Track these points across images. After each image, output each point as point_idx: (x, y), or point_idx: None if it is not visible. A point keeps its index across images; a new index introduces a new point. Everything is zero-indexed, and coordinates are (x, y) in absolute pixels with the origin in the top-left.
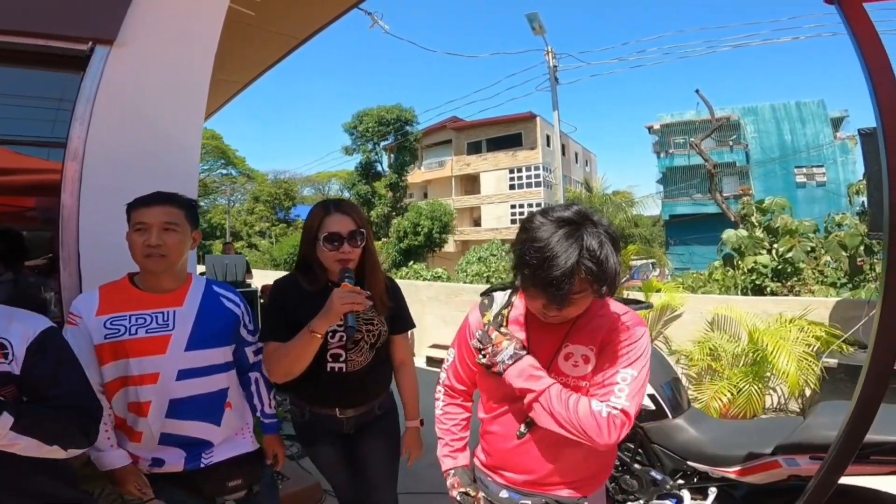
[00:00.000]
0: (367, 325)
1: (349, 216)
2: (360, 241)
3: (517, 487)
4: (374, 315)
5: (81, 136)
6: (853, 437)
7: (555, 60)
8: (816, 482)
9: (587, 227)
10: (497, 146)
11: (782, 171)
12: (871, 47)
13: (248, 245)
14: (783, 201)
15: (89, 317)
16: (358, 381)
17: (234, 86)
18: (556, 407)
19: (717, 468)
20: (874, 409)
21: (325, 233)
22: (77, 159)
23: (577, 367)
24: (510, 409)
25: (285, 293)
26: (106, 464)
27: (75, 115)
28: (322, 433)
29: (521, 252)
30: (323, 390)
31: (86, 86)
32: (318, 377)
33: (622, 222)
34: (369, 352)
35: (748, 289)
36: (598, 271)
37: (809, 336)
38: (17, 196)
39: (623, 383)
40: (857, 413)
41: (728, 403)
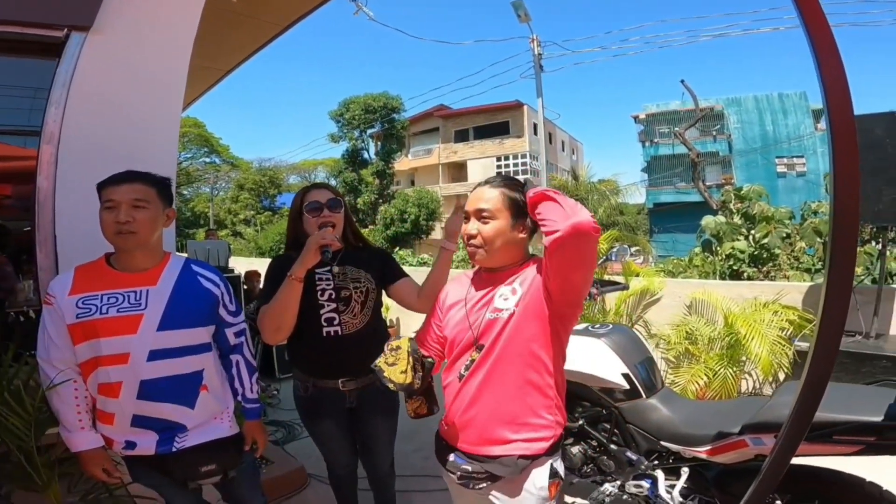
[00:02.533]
0: (355, 282)
1: (326, 189)
2: (338, 208)
3: (465, 447)
4: (362, 273)
5: (57, 120)
6: (803, 417)
7: (539, 48)
8: (770, 462)
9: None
10: (484, 134)
11: (764, 161)
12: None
13: (232, 233)
14: (760, 189)
15: (62, 296)
16: (355, 345)
17: (215, 73)
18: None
19: (689, 448)
20: (821, 389)
21: (307, 203)
22: (52, 143)
23: (509, 300)
24: (457, 359)
25: (282, 268)
26: (74, 446)
27: (51, 100)
28: (325, 407)
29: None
30: (323, 358)
31: (61, 71)
32: (316, 344)
33: (607, 210)
34: (361, 312)
35: (726, 274)
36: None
37: (783, 320)
38: None
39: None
40: (806, 392)
41: (704, 387)
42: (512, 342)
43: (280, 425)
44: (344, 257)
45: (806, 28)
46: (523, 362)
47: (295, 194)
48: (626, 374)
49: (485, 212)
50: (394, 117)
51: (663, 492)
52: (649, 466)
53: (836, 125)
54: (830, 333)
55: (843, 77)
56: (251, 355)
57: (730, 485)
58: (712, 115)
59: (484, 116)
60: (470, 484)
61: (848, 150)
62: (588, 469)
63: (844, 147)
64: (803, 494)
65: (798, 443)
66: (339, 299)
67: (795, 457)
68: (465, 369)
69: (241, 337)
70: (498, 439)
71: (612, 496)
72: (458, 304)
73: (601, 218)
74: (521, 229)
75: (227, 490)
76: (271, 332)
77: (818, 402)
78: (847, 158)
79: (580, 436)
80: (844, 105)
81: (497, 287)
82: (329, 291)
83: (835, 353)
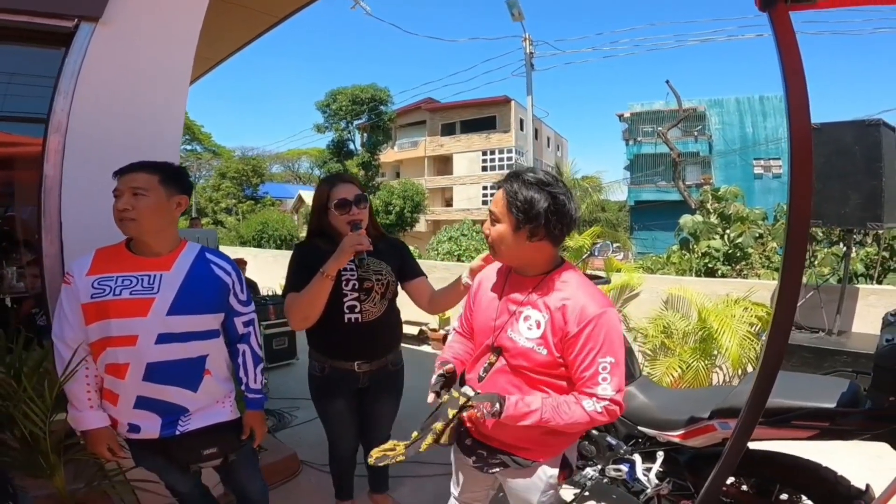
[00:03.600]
0: (377, 274)
1: (352, 184)
2: (365, 204)
3: (481, 438)
4: (383, 266)
5: (65, 109)
6: (757, 402)
7: (531, 47)
8: (730, 444)
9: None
10: (471, 128)
11: (742, 162)
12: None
13: (213, 222)
14: (737, 190)
15: (80, 276)
16: (371, 331)
17: (206, 62)
18: (559, 420)
19: (664, 432)
20: (773, 376)
21: (335, 200)
22: (60, 132)
23: (531, 330)
24: (479, 357)
25: (308, 254)
26: (81, 424)
27: (59, 90)
28: (338, 387)
29: None
30: (342, 342)
31: (70, 61)
32: (337, 328)
33: (590, 206)
34: (381, 302)
35: (702, 271)
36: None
37: (752, 316)
38: None
39: (605, 373)
40: (760, 380)
41: (678, 378)
42: (527, 367)
43: (271, 414)
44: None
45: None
46: (541, 382)
47: (318, 185)
48: None
49: (493, 213)
50: (381, 109)
51: (640, 475)
52: (627, 451)
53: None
54: (781, 326)
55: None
56: (258, 346)
57: (700, 468)
58: (695, 116)
59: (471, 111)
60: (484, 468)
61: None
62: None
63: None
64: (766, 478)
65: (753, 426)
66: (361, 289)
67: (759, 441)
68: (484, 371)
69: (250, 327)
70: (513, 445)
71: (592, 479)
72: (491, 297)
73: (584, 214)
74: (530, 235)
75: (227, 474)
76: (298, 320)
77: (769, 388)
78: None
79: None
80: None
81: (525, 305)
82: (353, 282)
83: (784, 344)
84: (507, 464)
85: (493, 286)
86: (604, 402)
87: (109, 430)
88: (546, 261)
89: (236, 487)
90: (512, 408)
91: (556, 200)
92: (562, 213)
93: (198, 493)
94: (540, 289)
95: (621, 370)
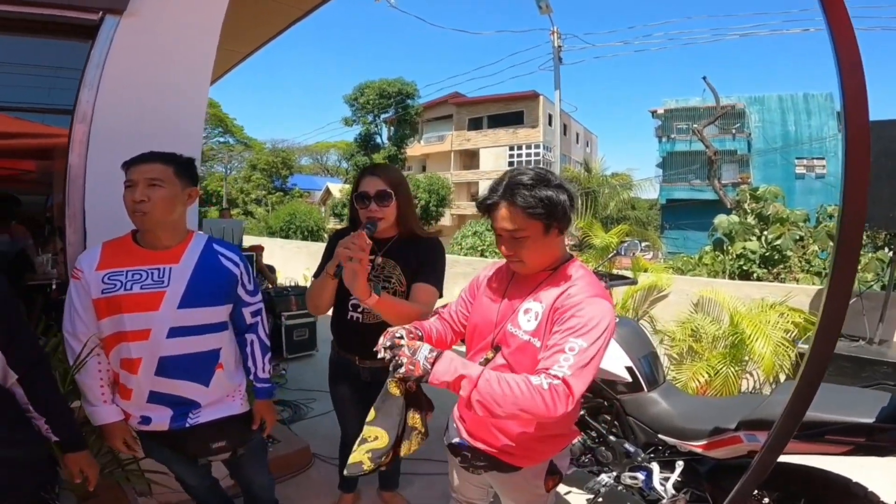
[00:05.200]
0: (386, 280)
1: (379, 177)
2: (386, 201)
3: (468, 437)
4: (396, 272)
5: (90, 100)
6: (793, 415)
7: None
8: (759, 458)
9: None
10: (498, 123)
11: (783, 161)
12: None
13: (244, 212)
14: (777, 189)
15: (90, 271)
16: (373, 332)
17: (235, 55)
18: (495, 388)
19: (685, 442)
20: (814, 389)
21: (357, 191)
22: (85, 122)
23: (529, 322)
24: (477, 353)
25: (336, 241)
26: (98, 419)
27: (84, 81)
28: (345, 374)
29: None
30: (345, 336)
31: (95, 53)
32: (341, 323)
33: (619, 204)
34: None
35: (735, 274)
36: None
37: (788, 322)
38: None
39: (570, 353)
40: (799, 391)
41: (705, 384)
42: (525, 363)
43: (287, 405)
44: (393, 247)
45: (832, 37)
46: None
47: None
48: (630, 367)
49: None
50: (408, 103)
51: (657, 484)
52: (645, 459)
53: (851, 131)
54: (828, 334)
55: (863, 88)
56: (266, 335)
57: (721, 479)
58: (733, 113)
59: (498, 105)
60: (469, 468)
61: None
62: (586, 459)
63: (857, 154)
64: (791, 492)
65: (787, 440)
66: None
67: (787, 455)
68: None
69: (258, 317)
70: (499, 446)
71: (607, 486)
72: (493, 296)
73: (612, 212)
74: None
75: (235, 468)
76: (311, 307)
77: (809, 401)
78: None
79: (580, 426)
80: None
81: (527, 298)
82: None
83: (830, 353)
84: (490, 467)
85: (495, 286)
86: (552, 381)
87: (124, 423)
88: (558, 255)
89: (244, 481)
90: (446, 363)
91: (566, 190)
92: (574, 200)
93: (207, 485)
94: (546, 282)
95: (590, 364)
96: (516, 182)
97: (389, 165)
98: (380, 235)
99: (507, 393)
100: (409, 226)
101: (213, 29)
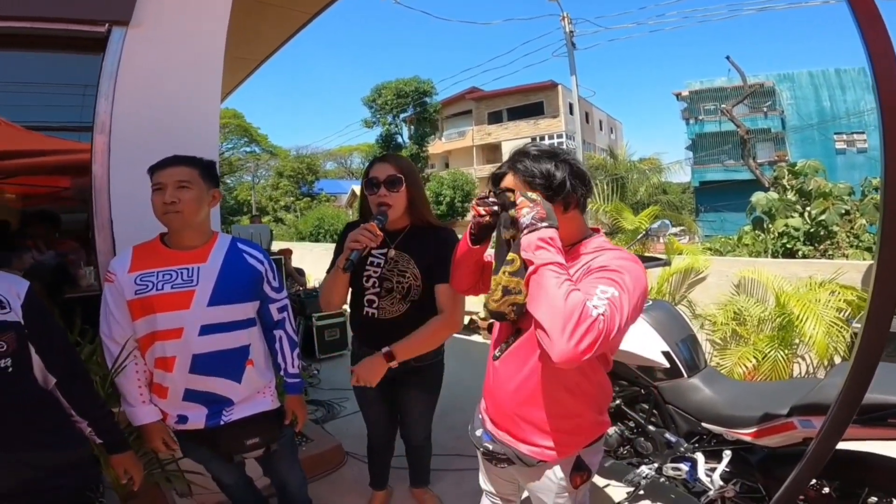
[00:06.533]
0: (400, 275)
1: (389, 163)
2: (398, 186)
3: (491, 428)
4: (410, 266)
5: (107, 111)
6: (852, 398)
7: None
8: (815, 445)
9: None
10: (518, 115)
11: (821, 137)
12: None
13: (274, 220)
14: (817, 164)
15: (122, 274)
16: (390, 329)
17: (250, 63)
18: (548, 283)
19: (732, 430)
20: (872, 368)
21: (367, 178)
22: (105, 132)
23: None
24: (499, 339)
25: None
26: (137, 419)
27: (100, 92)
28: None
29: None
30: (364, 332)
31: (107, 64)
32: (359, 318)
33: (648, 189)
34: (401, 303)
35: (779, 252)
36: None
37: (840, 300)
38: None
39: (602, 295)
40: (855, 371)
41: (753, 370)
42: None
43: (320, 404)
44: (406, 239)
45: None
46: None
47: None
48: (667, 352)
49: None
50: (426, 101)
51: (703, 475)
52: (689, 449)
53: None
54: (882, 309)
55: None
56: (293, 331)
57: (775, 469)
58: (762, 92)
59: (517, 97)
60: (493, 461)
61: None
62: (624, 451)
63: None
64: (853, 481)
65: (846, 425)
66: (381, 287)
67: (847, 441)
68: (500, 352)
69: (284, 312)
70: (519, 436)
71: (648, 479)
72: None
73: (642, 198)
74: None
75: (268, 464)
76: (324, 303)
77: (868, 382)
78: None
79: (617, 416)
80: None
81: None
82: (374, 279)
83: (887, 330)
84: (512, 460)
85: None
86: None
87: (162, 424)
88: (578, 230)
89: (276, 478)
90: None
91: (570, 165)
92: (582, 175)
93: (242, 484)
94: (568, 255)
95: (621, 313)
96: (523, 152)
97: (399, 154)
98: (391, 227)
99: (554, 295)
100: (421, 214)
101: (219, 34)
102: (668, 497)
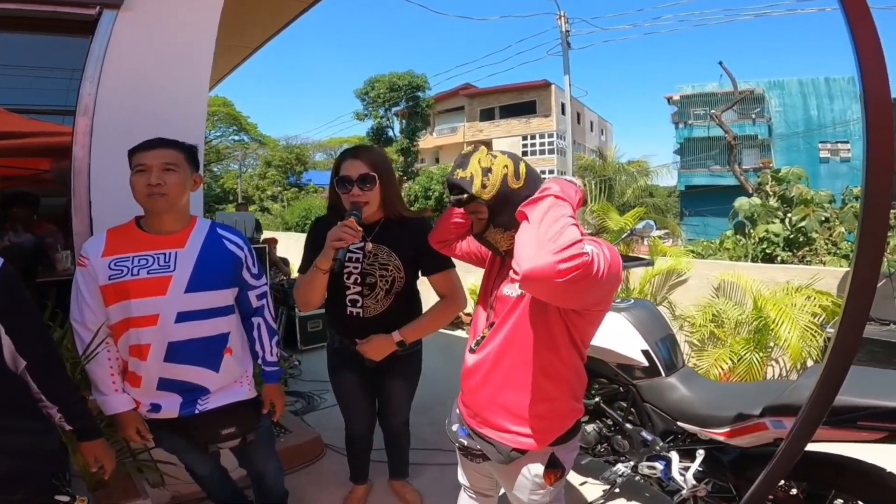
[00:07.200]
0: (382, 269)
1: (361, 160)
2: (370, 184)
3: (467, 419)
4: (392, 259)
5: (91, 94)
6: (822, 400)
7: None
8: (785, 445)
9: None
10: (510, 113)
11: (806, 145)
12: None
13: (260, 209)
14: (800, 171)
15: (96, 258)
16: (375, 325)
17: (242, 50)
18: (553, 210)
19: (706, 429)
20: (843, 371)
21: (338, 176)
22: (87, 115)
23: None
24: (475, 331)
25: (321, 232)
26: (109, 408)
27: (85, 76)
28: (348, 361)
29: None
30: (346, 328)
31: (95, 48)
32: (340, 319)
33: (636, 191)
34: (385, 298)
35: (758, 257)
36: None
37: (815, 305)
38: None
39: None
40: (827, 374)
41: (728, 371)
42: (521, 326)
43: (300, 396)
44: (381, 231)
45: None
46: (532, 349)
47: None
48: (646, 350)
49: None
50: (418, 95)
51: (676, 474)
52: (664, 447)
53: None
54: (857, 312)
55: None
56: (272, 319)
57: (746, 469)
58: (752, 98)
59: (510, 95)
60: (469, 457)
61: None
62: (601, 448)
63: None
64: (821, 482)
65: (816, 426)
66: (363, 284)
67: (816, 442)
68: (476, 344)
69: (263, 300)
70: (495, 425)
71: (624, 476)
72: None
73: (629, 200)
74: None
75: (244, 455)
76: (301, 304)
77: (839, 384)
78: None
79: (595, 414)
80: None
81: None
82: (355, 276)
83: (860, 333)
84: (486, 456)
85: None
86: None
87: (136, 413)
88: None
89: (252, 468)
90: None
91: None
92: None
93: (217, 475)
94: None
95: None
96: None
97: (371, 146)
98: (365, 220)
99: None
100: (395, 208)
101: (211, 21)
102: (643, 496)
